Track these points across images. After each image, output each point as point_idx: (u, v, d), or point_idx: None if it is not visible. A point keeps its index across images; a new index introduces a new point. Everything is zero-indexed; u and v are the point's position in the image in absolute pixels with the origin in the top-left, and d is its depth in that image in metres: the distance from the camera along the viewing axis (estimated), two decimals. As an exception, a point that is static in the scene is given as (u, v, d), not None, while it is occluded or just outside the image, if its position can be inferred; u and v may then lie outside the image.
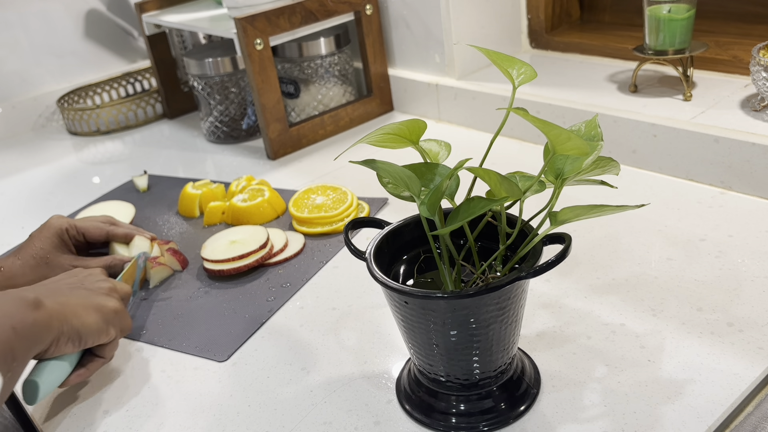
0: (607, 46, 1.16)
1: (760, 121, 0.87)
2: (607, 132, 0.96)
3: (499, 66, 0.54)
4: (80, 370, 0.65)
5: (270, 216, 0.96)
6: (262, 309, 0.77)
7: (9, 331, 0.53)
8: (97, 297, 0.66)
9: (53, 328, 0.58)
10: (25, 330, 0.55)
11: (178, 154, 1.27)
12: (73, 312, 0.61)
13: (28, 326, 0.55)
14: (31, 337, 0.56)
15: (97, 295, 0.67)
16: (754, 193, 0.85)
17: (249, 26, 1.07)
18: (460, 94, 1.15)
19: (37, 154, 1.38)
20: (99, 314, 0.64)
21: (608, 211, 0.51)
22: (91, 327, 0.62)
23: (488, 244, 0.59)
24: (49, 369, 0.61)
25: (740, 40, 1.05)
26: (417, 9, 1.17)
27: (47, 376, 0.61)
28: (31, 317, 0.56)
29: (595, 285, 0.73)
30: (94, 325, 0.63)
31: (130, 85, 1.57)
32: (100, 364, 0.66)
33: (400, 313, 0.55)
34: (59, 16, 1.51)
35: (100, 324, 0.64)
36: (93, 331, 0.63)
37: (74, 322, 0.61)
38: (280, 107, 1.14)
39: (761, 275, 0.71)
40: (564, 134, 0.48)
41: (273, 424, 0.61)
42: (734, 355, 0.61)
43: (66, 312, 0.60)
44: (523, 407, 0.58)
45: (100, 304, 0.65)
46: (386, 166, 0.51)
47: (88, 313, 0.63)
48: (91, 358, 0.66)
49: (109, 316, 0.65)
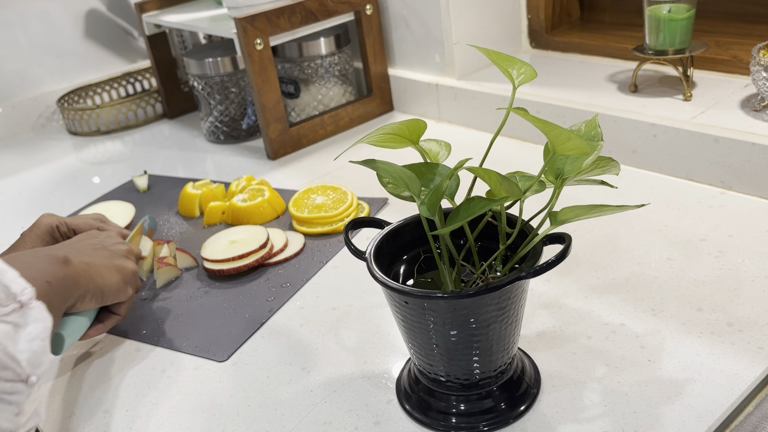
0: (607, 46, 1.16)
1: (760, 121, 0.87)
2: (607, 132, 0.96)
3: (499, 66, 0.54)
4: (98, 325, 0.69)
5: (270, 216, 0.96)
6: (262, 309, 0.77)
7: (45, 286, 0.57)
8: (117, 258, 0.71)
9: (80, 285, 0.62)
10: (59, 284, 0.59)
11: (178, 154, 1.27)
12: (97, 271, 0.66)
13: (60, 281, 0.59)
14: (63, 292, 0.60)
15: (117, 256, 0.71)
16: (754, 193, 0.85)
17: (249, 26, 1.07)
18: (460, 94, 1.15)
19: (37, 154, 1.38)
20: (120, 275, 0.69)
21: (608, 211, 0.51)
22: (112, 286, 0.67)
23: (488, 244, 0.59)
24: (72, 323, 0.64)
25: (740, 40, 1.05)
26: (417, 9, 1.17)
27: (71, 329, 0.64)
28: (62, 272, 0.60)
29: (595, 285, 0.73)
30: (115, 285, 0.68)
31: (130, 85, 1.57)
32: (115, 320, 0.71)
33: (400, 313, 0.55)
34: (59, 16, 1.51)
35: (121, 284, 0.69)
36: (114, 290, 0.67)
37: (98, 281, 0.65)
38: (280, 107, 1.14)
39: (761, 275, 0.71)
40: (564, 134, 0.48)
41: (273, 424, 0.61)
42: (734, 355, 0.61)
43: (91, 271, 0.65)
44: (523, 407, 0.58)
45: (121, 265, 0.70)
46: (386, 166, 0.51)
47: (110, 273, 0.68)
48: (108, 314, 0.70)
49: (128, 276, 0.70)
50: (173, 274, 0.86)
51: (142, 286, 0.82)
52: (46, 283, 0.57)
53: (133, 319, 0.79)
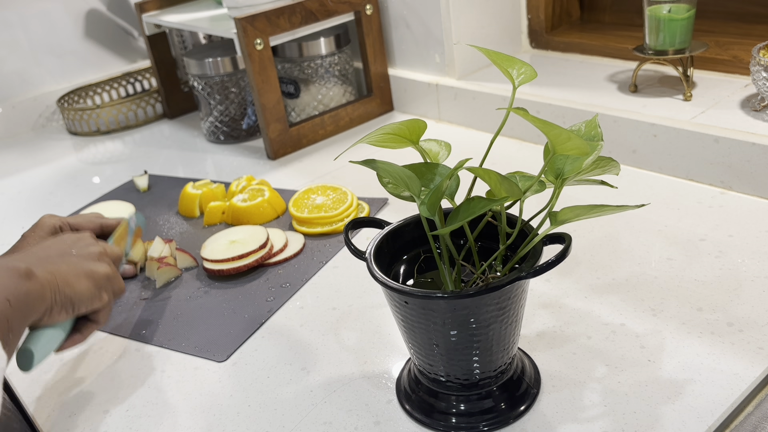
0: (607, 46, 1.16)
1: (760, 121, 0.87)
2: (607, 132, 0.96)
3: (499, 66, 0.54)
4: (75, 335, 0.64)
5: (270, 216, 0.96)
6: (262, 309, 0.77)
7: (4, 303, 0.53)
8: (87, 263, 0.65)
9: (46, 298, 0.58)
10: (19, 301, 0.55)
11: (178, 154, 1.27)
12: (65, 280, 0.61)
13: (22, 297, 0.55)
14: (24, 308, 0.56)
15: (87, 261, 0.65)
16: (754, 193, 0.85)
17: (249, 26, 1.07)
18: (460, 94, 1.15)
19: (37, 154, 1.38)
20: (90, 281, 0.63)
21: (608, 211, 0.51)
22: (83, 294, 0.62)
23: (488, 244, 0.59)
24: (43, 336, 0.61)
25: (740, 40, 1.05)
26: (417, 9, 1.17)
27: (41, 343, 0.60)
28: (25, 288, 0.56)
29: (595, 285, 0.73)
30: (86, 292, 0.62)
31: (130, 85, 1.57)
32: (93, 328, 0.66)
33: (400, 313, 0.55)
34: (59, 16, 1.51)
35: (92, 290, 0.63)
36: (85, 298, 0.62)
37: (66, 291, 0.60)
38: (280, 107, 1.14)
39: (761, 275, 0.71)
40: (564, 134, 0.48)
41: (273, 424, 0.61)
42: (734, 355, 0.61)
43: (57, 281, 0.60)
44: (523, 407, 0.58)
45: (91, 270, 0.64)
46: (386, 166, 0.51)
47: (79, 281, 0.62)
48: (85, 323, 0.65)
49: (101, 281, 0.65)
50: (173, 274, 0.86)
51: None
52: (5, 301, 0.53)
53: (133, 319, 0.79)
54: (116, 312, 0.81)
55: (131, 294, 0.84)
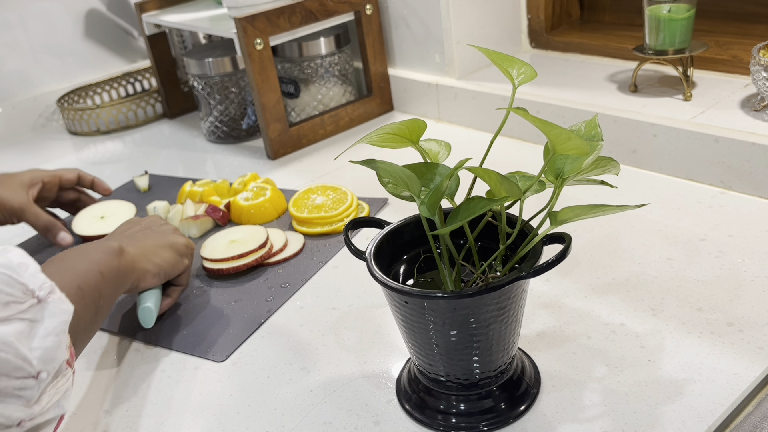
0: (607, 46, 1.16)
1: (760, 121, 0.87)
2: (607, 132, 0.96)
3: (499, 66, 0.54)
4: (166, 299, 0.77)
5: (271, 216, 0.96)
6: (262, 309, 0.77)
7: (97, 275, 0.63)
8: (167, 236, 0.78)
9: (136, 269, 0.70)
10: (111, 274, 0.65)
11: (178, 154, 1.27)
12: (153, 252, 0.74)
13: (113, 270, 0.66)
14: (115, 280, 0.66)
15: (168, 234, 0.79)
16: (754, 193, 0.85)
17: (249, 26, 1.07)
18: (460, 94, 1.15)
19: (37, 154, 1.38)
20: (173, 250, 0.77)
21: (608, 211, 0.51)
22: (169, 261, 0.75)
23: (488, 244, 0.59)
24: (152, 296, 0.74)
25: (740, 40, 1.05)
26: (417, 9, 1.17)
27: (154, 301, 0.74)
28: (116, 263, 0.67)
29: (595, 285, 0.73)
30: (171, 260, 0.76)
31: (130, 85, 1.56)
32: (180, 291, 0.79)
33: (400, 313, 0.55)
34: (59, 16, 1.51)
35: (176, 257, 0.77)
36: (172, 265, 0.76)
37: (156, 260, 0.73)
38: (280, 107, 1.14)
39: (761, 275, 0.71)
40: (564, 134, 0.48)
41: (273, 424, 0.61)
42: (734, 355, 0.61)
43: (147, 253, 0.73)
44: (523, 407, 0.58)
45: (173, 241, 0.78)
46: (386, 166, 0.51)
47: (165, 251, 0.76)
48: (171, 287, 0.79)
49: (182, 249, 0.78)
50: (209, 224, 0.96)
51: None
52: (98, 273, 0.64)
53: (134, 319, 0.79)
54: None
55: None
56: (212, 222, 0.96)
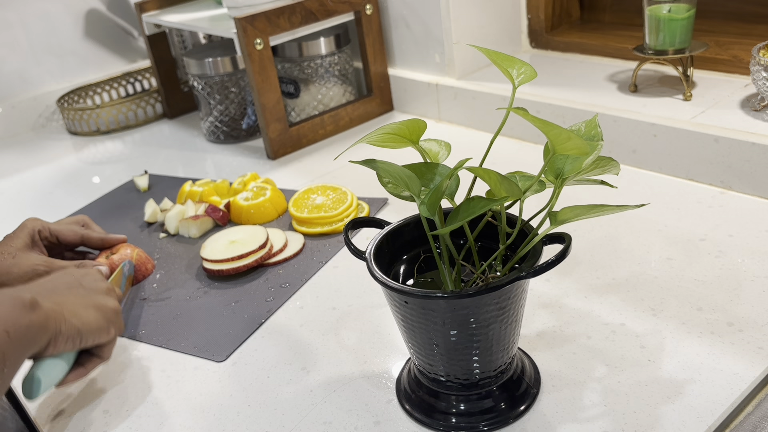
0: (607, 46, 1.16)
1: (760, 121, 0.87)
2: (607, 132, 0.96)
3: (499, 66, 0.54)
4: (78, 369, 0.64)
5: (271, 216, 0.96)
6: (262, 309, 0.77)
7: (2, 335, 0.53)
8: (96, 296, 0.65)
9: (49, 328, 0.58)
10: (19, 333, 0.54)
11: (178, 153, 1.27)
12: (72, 311, 0.61)
13: (22, 329, 0.55)
14: (24, 340, 0.55)
15: (96, 294, 0.66)
16: (754, 193, 0.85)
17: (249, 26, 1.07)
18: (460, 94, 1.15)
19: (37, 154, 1.38)
20: (100, 313, 0.63)
21: (608, 211, 0.51)
22: (91, 325, 0.62)
23: (488, 244, 0.59)
24: (49, 365, 0.60)
25: (740, 40, 1.05)
26: (417, 9, 1.17)
27: (47, 372, 0.60)
28: (27, 319, 0.55)
29: (595, 285, 0.73)
30: (94, 324, 0.62)
31: (130, 85, 1.56)
32: (97, 363, 0.65)
33: (400, 313, 0.55)
34: (59, 16, 1.51)
35: (101, 322, 0.63)
36: (94, 330, 0.62)
37: (74, 321, 0.60)
38: (280, 107, 1.14)
39: (761, 275, 0.71)
40: (564, 134, 0.48)
41: (273, 424, 0.61)
42: (734, 355, 0.61)
43: (65, 311, 0.60)
44: (523, 407, 0.58)
45: (101, 303, 0.65)
46: (386, 166, 0.51)
47: (88, 312, 0.62)
48: (89, 357, 0.65)
49: (110, 315, 0.65)
50: (209, 224, 0.96)
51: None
52: (4, 333, 0.53)
53: (133, 319, 0.79)
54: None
55: (131, 294, 0.84)
56: (212, 222, 0.96)
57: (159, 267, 0.89)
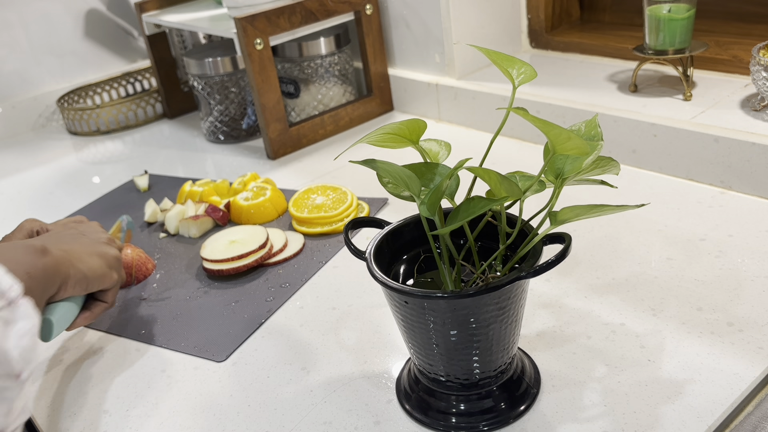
0: (607, 46, 1.16)
1: (760, 121, 0.87)
2: (607, 132, 0.96)
3: (499, 66, 0.54)
4: (86, 313, 0.68)
5: (271, 215, 0.96)
6: (262, 309, 0.77)
7: (24, 276, 0.56)
8: (99, 245, 0.70)
9: (61, 272, 0.62)
10: (38, 275, 0.58)
11: (178, 153, 1.27)
12: (78, 257, 0.65)
13: (40, 271, 0.59)
14: (43, 281, 0.59)
15: (98, 243, 0.70)
16: (754, 193, 0.85)
17: (249, 26, 1.07)
18: (460, 93, 1.15)
19: (37, 154, 1.38)
20: (102, 259, 0.68)
21: (608, 211, 0.51)
22: (96, 271, 0.66)
23: (488, 243, 0.59)
24: (60, 309, 0.64)
25: (740, 40, 1.05)
26: (417, 9, 1.17)
27: (59, 314, 0.63)
28: (41, 262, 0.59)
29: (595, 285, 0.73)
30: (98, 269, 0.66)
31: (130, 85, 1.56)
32: (103, 308, 0.69)
33: (400, 313, 0.55)
34: (59, 16, 1.51)
35: (104, 268, 0.67)
36: (98, 275, 0.66)
37: (80, 266, 0.64)
38: (280, 107, 1.14)
39: (761, 275, 0.71)
40: (564, 134, 0.48)
41: (273, 424, 0.61)
42: (734, 355, 0.61)
43: (71, 258, 0.64)
44: (523, 407, 0.58)
45: (103, 251, 0.69)
46: (386, 166, 0.51)
47: (92, 258, 0.66)
48: (95, 302, 0.69)
49: (112, 261, 0.69)
50: (209, 224, 0.96)
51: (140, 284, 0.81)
52: (25, 275, 0.57)
53: (133, 319, 0.79)
54: (116, 312, 0.81)
55: (131, 294, 0.84)
56: (212, 222, 0.96)
57: (159, 267, 0.89)
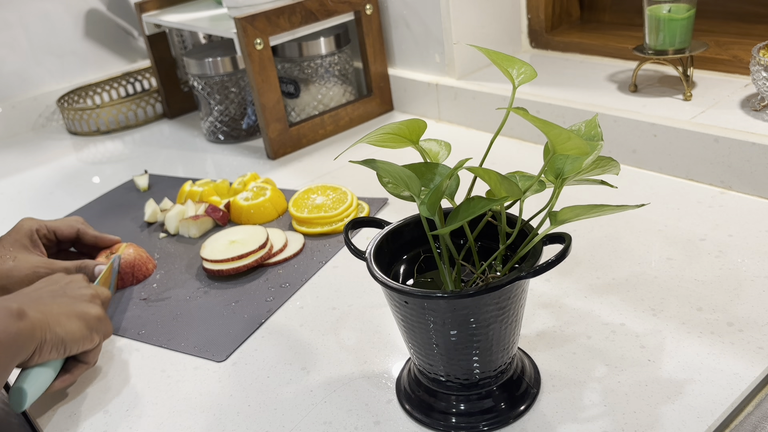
0: (607, 46, 1.16)
1: (760, 120, 0.87)
2: (607, 132, 0.96)
3: (499, 66, 0.54)
4: (65, 375, 0.66)
5: (271, 215, 0.96)
6: (262, 309, 0.77)
7: None
8: (80, 304, 0.67)
9: (36, 337, 0.60)
10: (9, 341, 0.56)
11: (178, 153, 1.27)
12: (57, 320, 0.63)
13: (12, 337, 0.57)
14: (14, 348, 0.57)
15: (79, 302, 0.68)
16: (754, 193, 0.85)
17: (249, 26, 1.07)
18: (460, 93, 1.15)
19: (37, 154, 1.38)
20: (82, 321, 0.65)
21: (608, 211, 0.51)
22: (75, 334, 0.64)
23: (488, 243, 0.59)
24: (35, 375, 0.62)
25: (740, 40, 1.05)
26: (417, 9, 1.17)
27: (33, 382, 0.62)
28: (15, 327, 0.57)
29: (595, 285, 0.73)
30: (78, 333, 0.64)
31: (130, 85, 1.56)
32: (84, 369, 0.67)
33: (400, 313, 0.55)
34: (59, 16, 1.51)
35: (84, 331, 0.65)
36: (77, 339, 0.64)
37: (58, 330, 0.62)
38: (280, 107, 1.14)
39: (761, 275, 0.71)
40: (564, 134, 0.48)
41: (273, 424, 0.61)
42: (734, 355, 0.61)
43: (49, 320, 0.61)
44: (523, 407, 0.58)
45: (84, 311, 0.66)
46: (386, 166, 0.51)
47: (71, 321, 0.64)
48: (75, 363, 0.67)
49: (92, 323, 0.66)
50: (209, 224, 0.96)
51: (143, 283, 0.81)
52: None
53: (133, 319, 0.79)
54: (116, 312, 0.81)
55: (131, 294, 0.84)
56: (212, 222, 0.96)
57: (159, 267, 0.89)
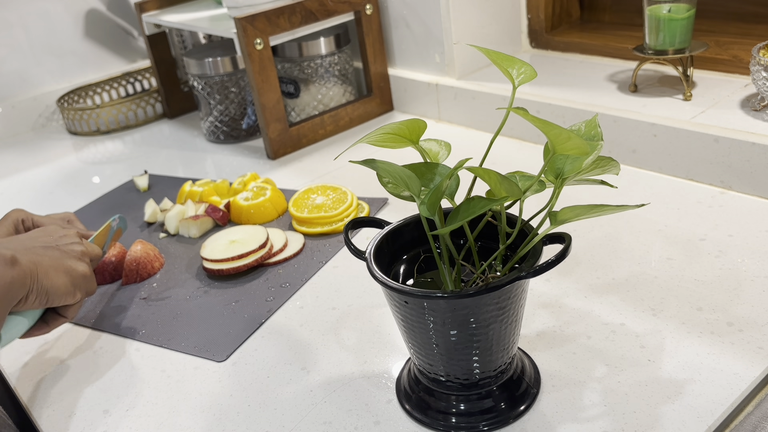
0: (607, 46, 1.16)
1: (760, 120, 0.87)
2: (607, 132, 0.96)
3: (499, 66, 0.54)
4: (42, 326, 0.67)
5: (271, 215, 0.96)
6: (262, 309, 0.77)
7: None
8: (68, 260, 0.68)
9: (26, 285, 0.60)
10: (4, 289, 0.58)
11: (178, 153, 1.27)
12: (45, 272, 0.63)
13: (6, 285, 0.58)
14: (8, 294, 0.58)
15: (69, 257, 0.68)
16: (754, 193, 0.85)
17: (249, 26, 1.07)
18: (460, 93, 1.15)
19: (37, 154, 1.38)
20: (68, 277, 0.66)
21: (608, 211, 0.51)
22: (59, 289, 0.64)
23: (488, 243, 0.59)
24: (11, 322, 0.63)
25: (740, 40, 1.05)
26: (417, 9, 1.17)
27: (8, 327, 0.63)
28: (9, 275, 0.58)
29: (595, 285, 0.73)
30: (62, 287, 0.65)
31: (130, 85, 1.57)
32: (61, 322, 0.68)
33: (400, 313, 0.55)
34: (59, 16, 1.51)
35: (68, 286, 0.66)
36: (61, 293, 0.65)
37: (44, 282, 0.63)
38: (280, 107, 1.14)
39: (761, 275, 0.71)
40: (564, 134, 0.48)
41: (273, 424, 0.61)
42: (734, 354, 0.61)
43: (38, 271, 0.62)
44: (523, 407, 0.58)
45: (71, 267, 0.67)
46: (386, 166, 0.51)
47: (58, 275, 0.65)
48: (54, 315, 0.68)
49: (78, 279, 0.67)
50: (209, 224, 0.96)
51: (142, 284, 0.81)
52: None
53: (134, 318, 0.79)
54: (116, 312, 0.81)
55: (131, 294, 0.84)
56: (212, 222, 0.96)
57: (159, 267, 0.89)
